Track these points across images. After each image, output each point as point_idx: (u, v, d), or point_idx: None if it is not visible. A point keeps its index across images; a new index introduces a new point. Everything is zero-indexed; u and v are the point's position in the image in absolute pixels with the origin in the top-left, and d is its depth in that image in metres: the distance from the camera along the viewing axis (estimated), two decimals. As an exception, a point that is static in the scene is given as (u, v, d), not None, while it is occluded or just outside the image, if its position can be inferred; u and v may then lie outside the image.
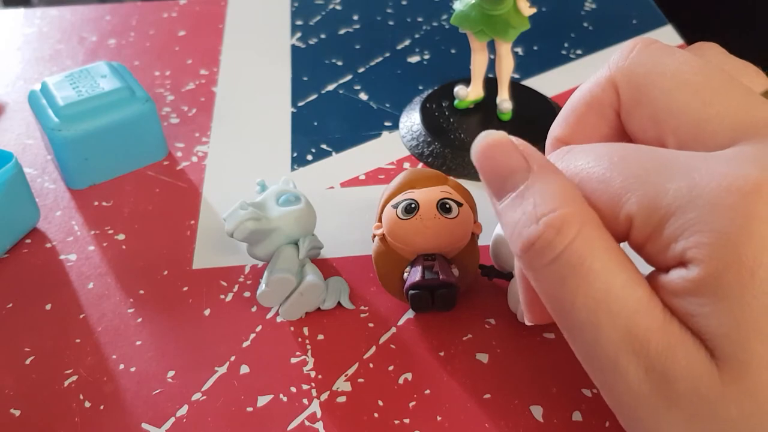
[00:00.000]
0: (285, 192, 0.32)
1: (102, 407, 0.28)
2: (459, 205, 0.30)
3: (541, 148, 0.23)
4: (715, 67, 0.21)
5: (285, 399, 0.28)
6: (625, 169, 0.20)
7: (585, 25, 0.53)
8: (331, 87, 0.47)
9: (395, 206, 0.30)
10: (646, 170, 0.19)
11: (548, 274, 0.19)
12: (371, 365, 0.30)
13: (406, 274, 0.30)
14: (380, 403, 0.28)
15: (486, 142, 0.21)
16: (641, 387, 0.19)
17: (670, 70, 0.21)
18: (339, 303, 0.32)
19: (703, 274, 0.18)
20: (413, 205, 0.29)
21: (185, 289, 0.33)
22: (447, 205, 0.29)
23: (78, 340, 0.31)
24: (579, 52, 0.50)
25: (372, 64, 0.49)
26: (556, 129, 0.24)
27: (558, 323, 0.20)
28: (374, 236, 0.31)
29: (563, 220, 0.19)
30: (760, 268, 0.17)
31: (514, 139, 0.21)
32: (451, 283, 0.29)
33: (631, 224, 0.19)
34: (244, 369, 0.29)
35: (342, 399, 0.28)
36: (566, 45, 0.51)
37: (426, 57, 0.50)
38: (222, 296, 0.33)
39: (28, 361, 0.30)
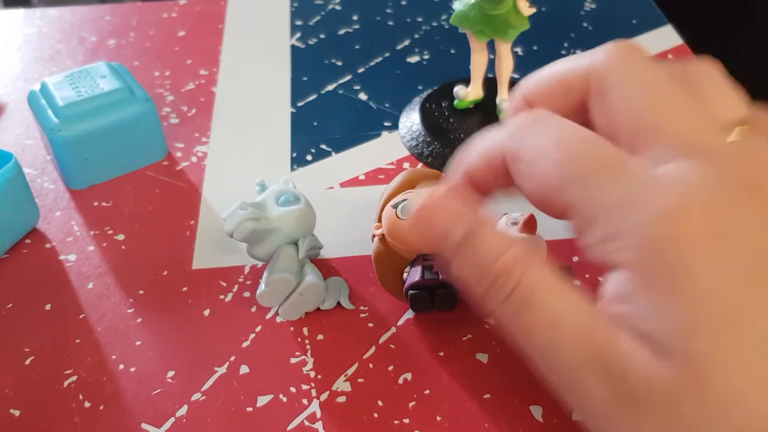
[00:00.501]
0: (285, 192, 0.32)
1: (102, 407, 0.28)
2: None
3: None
4: (679, 87, 0.23)
5: (285, 399, 0.28)
6: (577, 162, 0.22)
7: (585, 25, 0.53)
8: (330, 87, 0.47)
9: (395, 206, 0.30)
10: (594, 169, 0.21)
11: (505, 311, 0.22)
12: (371, 365, 0.30)
13: (405, 275, 0.30)
14: (380, 403, 0.28)
15: (422, 206, 0.23)
16: (606, 397, 0.20)
17: (639, 82, 0.23)
18: (339, 303, 0.32)
19: (634, 277, 0.20)
20: None
21: (185, 289, 0.33)
22: None
23: (78, 340, 0.31)
24: (579, 52, 0.50)
25: (372, 64, 0.49)
26: (525, 89, 0.26)
27: (526, 353, 0.22)
28: (374, 236, 0.31)
29: (509, 264, 0.21)
30: (685, 268, 0.19)
31: (448, 194, 0.24)
32: (450, 283, 0.29)
33: (569, 212, 0.22)
34: (244, 369, 0.29)
35: (342, 399, 0.28)
36: (566, 45, 0.51)
37: (426, 57, 0.50)
38: (222, 296, 0.33)
39: (28, 361, 0.30)
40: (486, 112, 0.42)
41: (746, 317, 0.19)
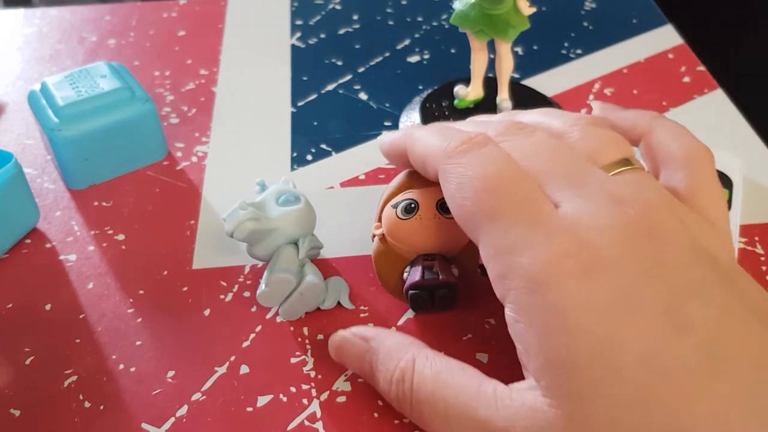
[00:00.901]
0: (285, 192, 0.32)
1: (102, 407, 0.28)
2: None
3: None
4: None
5: (285, 399, 0.28)
6: (492, 197, 0.25)
7: (585, 24, 0.53)
8: (330, 87, 0.47)
9: (395, 206, 0.30)
10: (504, 208, 0.24)
11: (412, 410, 0.25)
12: (371, 365, 0.30)
13: (405, 274, 0.30)
14: (380, 403, 0.28)
15: (333, 345, 0.28)
16: None
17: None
18: (339, 303, 0.32)
19: (519, 315, 0.23)
20: (413, 205, 0.29)
21: (185, 289, 0.33)
22: (446, 205, 0.29)
23: (78, 340, 0.31)
24: (579, 51, 0.50)
25: (372, 63, 0.49)
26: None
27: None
28: (374, 236, 0.31)
29: (401, 372, 0.25)
30: (559, 306, 0.22)
31: (351, 329, 0.28)
32: (451, 283, 0.29)
33: (477, 242, 0.25)
34: (244, 369, 0.29)
35: (342, 399, 0.28)
36: (566, 45, 0.51)
37: (426, 57, 0.50)
38: (222, 296, 0.33)
39: (28, 361, 0.30)
40: (486, 112, 0.42)
41: (618, 345, 0.21)
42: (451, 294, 0.30)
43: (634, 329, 0.21)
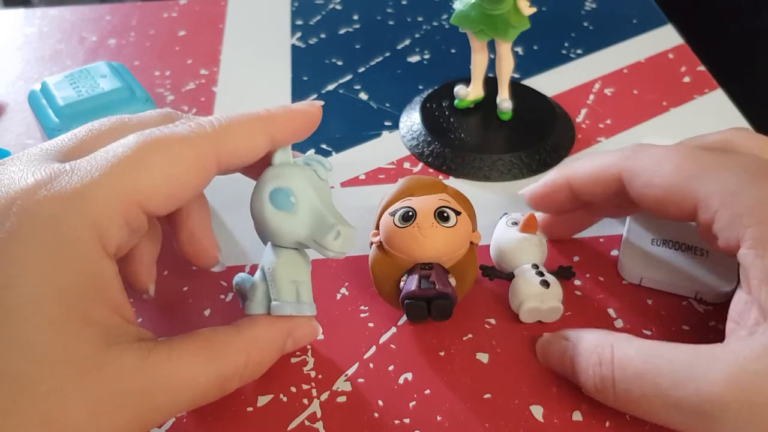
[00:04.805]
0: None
1: (102, 407, 0.28)
2: (457, 213, 0.29)
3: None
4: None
5: (285, 399, 0.28)
6: (694, 162, 0.27)
7: (585, 24, 0.53)
8: (331, 87, 0.47)
9: (393, 214, 0.29)
10: (707, 167, 0.27)
11: (616, 393, 0.25)
12: (371, 365, 0.30)
13: (402, 283, 0.30)
14: (380, 403, 0.28)
15: (539, 348, 0.30)
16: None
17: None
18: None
19: (752, 250, 0.25)
20: (410, 213, 0.29)
21: (185, 289, 0.33)
22: (445, 214, 0.29)
23: (78, 340, 0.31)
24: (579, 51, 0.50)
25: (372, 64, 0.49)
26: (573, 176, 0.32)
27: None
28: (371, 243, 0.30)
29: (598, 357, 0.26)
30: None
31: (556, 333, 0.29)
32: (447, 294, 0.29)
33: (697, 205, 0.27)
34: (244, 369, 0.29)
35: (342, 399, 0.28)
36: (566, 45, 0.51)
37: (426, 57, 0.50)
38: (222, 296, 0.33)
39: (28, 361, 0.30)
40: (486, 112, 0.42)
41: None
42: (447, 304, 0.29)
43: None
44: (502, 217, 0.34)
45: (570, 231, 0.35)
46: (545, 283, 0.30)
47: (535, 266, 0.31)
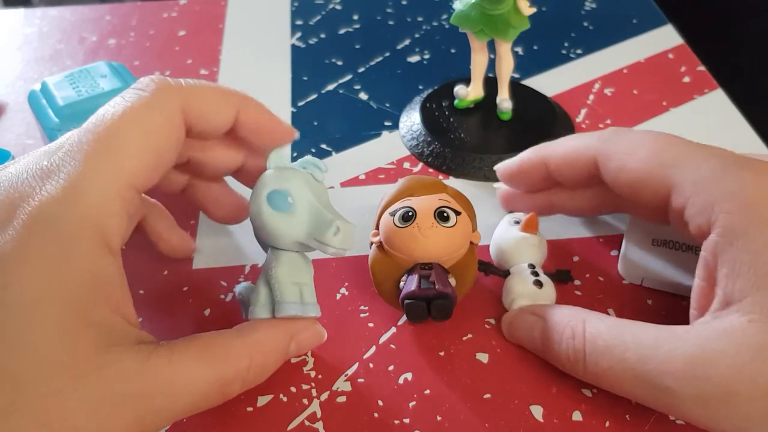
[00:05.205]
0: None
1: (102, 407, 0.28)
2: (457, 213, 0.29)
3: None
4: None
5: (285, 399, 0.28)
6: (670, 148, 0.28)
7: (585, 24, 0.53)
8: (331, 87, 0.47)
9: (392, 214, 0.29)
10: (683, 153, 0.27)
11: (586, 366, 0.26)
12: (371, 365, 0.30)
13: (402, 283, 0.30)
14: (380, 403, 0.28)
15: (506, 322, 0.30)
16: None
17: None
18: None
19: (727, 235, 0.25)
20: (410, 213, 0.29)
21: (185, 289, 0.33)
22: (445, 214, 0.29)
23: (78, 340, 0.31)
24: (579, 51, 0.50)
25: (372, 63, 0.49)
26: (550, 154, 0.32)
27: None
28: (371, 244, 0.30)
29: (571, 330, 0.27)
30: None
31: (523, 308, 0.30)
32: (447, 294, 0.29)
33: (671, 190, 0.27)
34: (244, 369, 0.29)
35: (342, 399, 0.28)
36: (566, 45, 0.51)
37: (426, 57, 0.50)
38: (222, 296, 0.33)
39: (28, 361, 0.30)
40: (486, 112, 0.42)
41: None
42: (447, 305, 0.29)
43: None
44: (506, 216, 0.34)
45: (526, 210, 0.35)
46: (539, 284, 0.30)
47: (532, 266, 0.31)
